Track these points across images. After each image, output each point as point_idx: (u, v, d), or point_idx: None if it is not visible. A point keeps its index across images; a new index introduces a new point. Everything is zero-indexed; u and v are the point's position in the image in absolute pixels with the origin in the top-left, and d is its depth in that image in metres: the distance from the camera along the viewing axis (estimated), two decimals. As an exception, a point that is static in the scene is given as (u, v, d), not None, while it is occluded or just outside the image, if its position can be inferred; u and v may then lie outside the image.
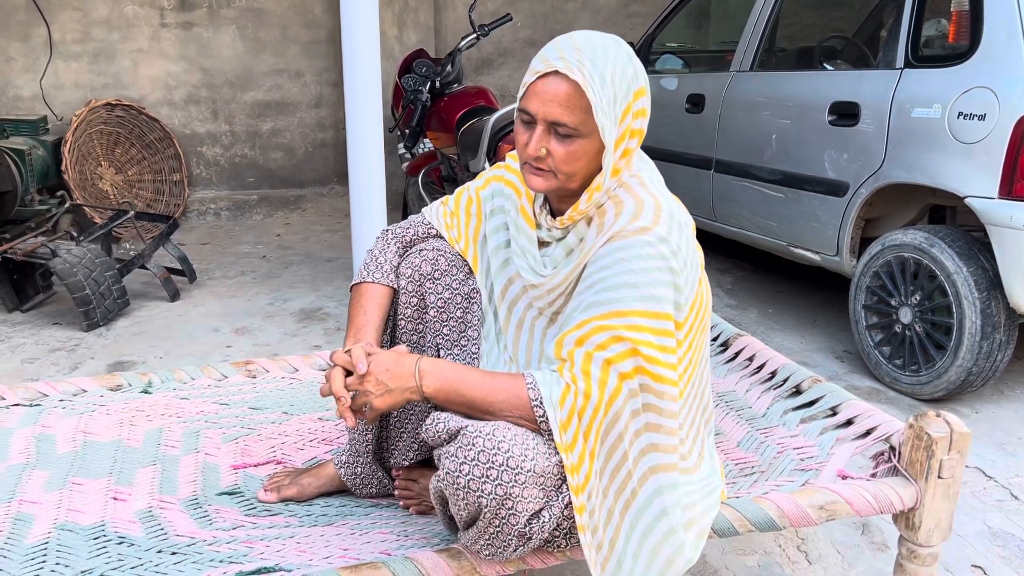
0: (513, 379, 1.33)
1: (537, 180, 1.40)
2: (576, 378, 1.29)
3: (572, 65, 1.31)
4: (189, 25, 5.76)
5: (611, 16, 6.46)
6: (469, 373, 1.36)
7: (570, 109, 1.32)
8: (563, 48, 1.33)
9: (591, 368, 1.29)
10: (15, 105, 5.56)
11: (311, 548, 1.55)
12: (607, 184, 1.38)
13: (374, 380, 1.35)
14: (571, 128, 1.33)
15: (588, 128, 1.33)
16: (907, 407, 2.83)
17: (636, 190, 1.40)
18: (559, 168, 1.37)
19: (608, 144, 1.34)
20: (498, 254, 1.61)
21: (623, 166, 1.39)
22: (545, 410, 1.28)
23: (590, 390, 1.29)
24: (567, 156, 1.35)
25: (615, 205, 1.39)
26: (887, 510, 1.60)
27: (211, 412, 2.10)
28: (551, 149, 1.36)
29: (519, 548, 1.34)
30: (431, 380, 1.35)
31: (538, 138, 1.36)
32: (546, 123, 1.35)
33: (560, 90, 1.32)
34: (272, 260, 4.80)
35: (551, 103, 1.33)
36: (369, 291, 1.63)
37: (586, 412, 1.29)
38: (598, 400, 1.29)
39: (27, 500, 1.70)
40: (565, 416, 1.28)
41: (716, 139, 3.90)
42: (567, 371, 1.30)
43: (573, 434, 1.29)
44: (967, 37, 2.76)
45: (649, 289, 1.31)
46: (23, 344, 3.40)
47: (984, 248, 2.71)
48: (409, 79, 4.47)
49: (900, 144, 2.91)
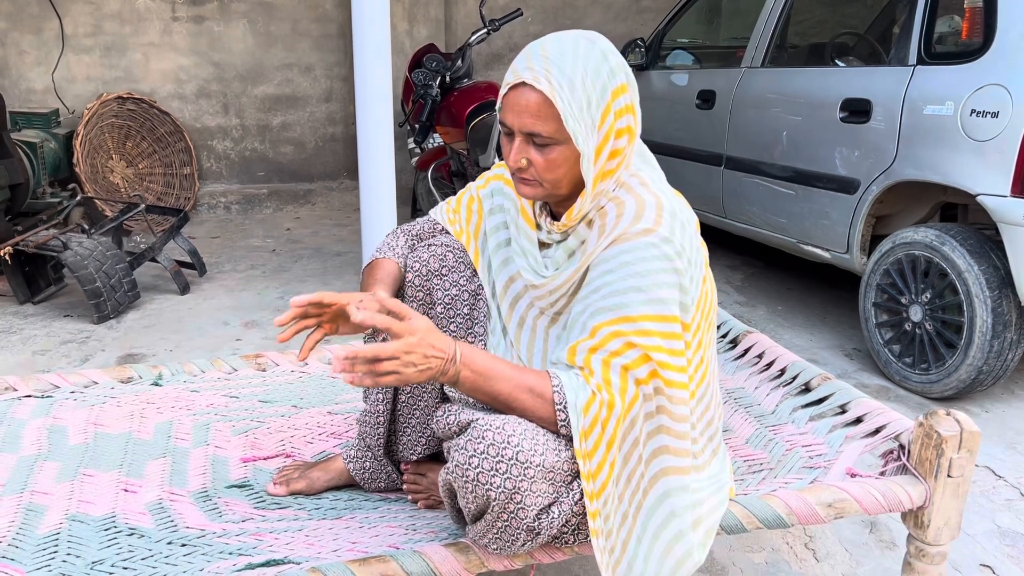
0: (540, 377, 1.31)
1: (525, 189, 1.41)
2: (600, 387, 1.28)
3: (539, 75, 1.31)
4: (200, 19, 5.78)
5: (621, 12, 6.44)
6: (499, 364, 1.31)
7: (542, 119, 1.32)
8: (532, 57, 1.33)
9: (611, 376, 1.29)
10: (27, 98, 5.59)
11: (320, 541, 1.56)
12: (593, 190, 1.37)
13: (421, 352, 1.23)
14: (546, 137, 1.33)
15: (563, 135, 1.33)
16: (916, 405, 2.82)
17: (637, 190, 1.39)
18: (542, 177, 1.37)
19: (584, 151, 1.33)
20: (498, 252, 1.62)
21: (615, 166, 1.38)
22: (568, 415, 1.28)
23: (614, 401, 1.28)
24: (547, 165, 1.35)
25: (616, 206, 1.38)
26: (896, 508, 1.60)
27: (221, 405, 2.11)
28: (531, 159, 1.36)
29: (527, 543, 1.34)
30: (469, 364, 1.28)
31: (517, 149, 1.36)
32: (522, 134, 1.35)
33: (530, 101, 1.32)
34: (282, 254, 4.81)
35: (523, 114, 1.33)
36: (381, 263, 1.64)
37: (609, 423, 1.29)
38: (621, 410, 1.29)
39: (39, 491, 1.71)
40: (588, 424, 1.27)
41: (727, 135, 3.89)
42: (592, 380, 1.29)
43: (594, 442, 1.28)
44: (980, 34, 2.75)
45: (655, 292, 1.31)
46: (34, 336, 3.42)
47: (995, 246, 2.69)
48: (419, 74, 4.47)
49: (912, 141, 2.90)
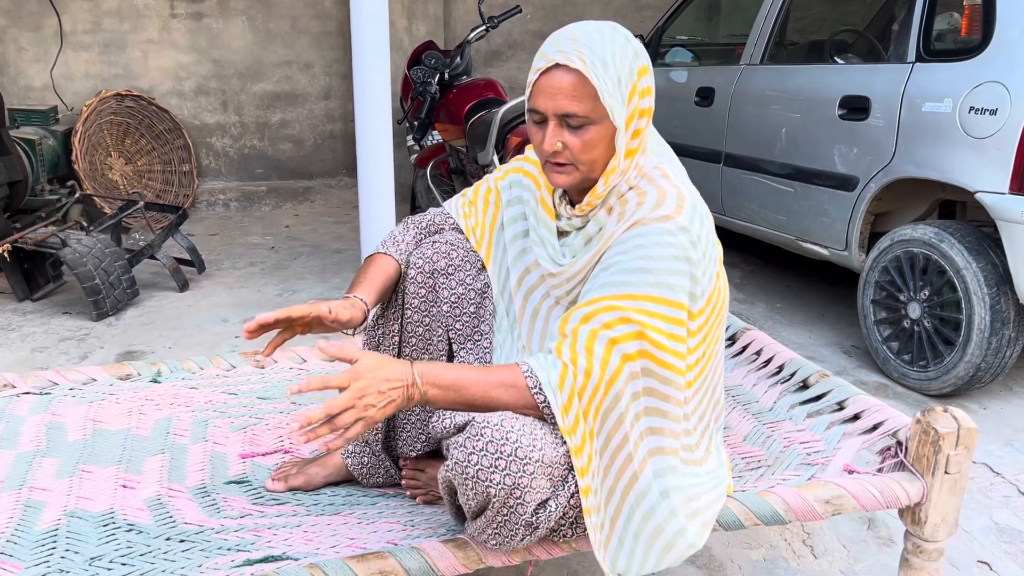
0: (509, 370, 1.31)
1: (560, 177, 1.40)
2: (577, 355, 1.28)
3: (572, 56, 1.32)
4: (199, 16, 5.77)
5: (621, 9, 6.44)
6: (463, 371, 1.31)
7: (577, 98, 1.32)
8: (560, 41, 1.34)
9: (594, 346, 1.28)
10: (26, 95, 5.58)
11: (318, 537, 1.56)
12: (622, 165, 1.38)
13: (375, 390, 1.24)
14: (582, 117, 1.33)
15: (599, 114, 1.34)
16: (914, 402, 2.83)
17: (659, 181, 1.40)
18: (578, 159, 1.37)
19: (619, 125, 1.35)
20: (515, 243, 1.62)
21: (636, 147, 1.39)
22: (546, 395, 1.28)
23: (591, 368, 1.28)
24: (583, 146, 1.36)
25: (638, 195, 1.39)
26: (893, 505, 1.60)
27: (220, 402, 2.11)
28: (566, 142, 1.36)
29: (526, 538, 1.35)
30: (432, 382, 1.28)
31: (551, 133, 1.36)
32: (557, 117, 1.35)
33: (565, 82, 1.33)
34: (281, 251, 4.81)
35: (558, 96, 1.33)
36: (376, 259, 1.65)
37: (586, 391, 1.28)
38: (598, 379, 1.28)
39: (37, 487, 1.71)
40: (566, 399, 1.27)
41: (725, 133, 3.89)
42: (566, 348, 1.29)
43: (575, 416, 1.28)
44: (979, 31, 2.75)
45: (664, 276, 1.31)
46: (33, 333, 3.42)
47: (994, 243, 2.69)
48: (418, 71, 4.47)
49: (910, 139, 2.90)
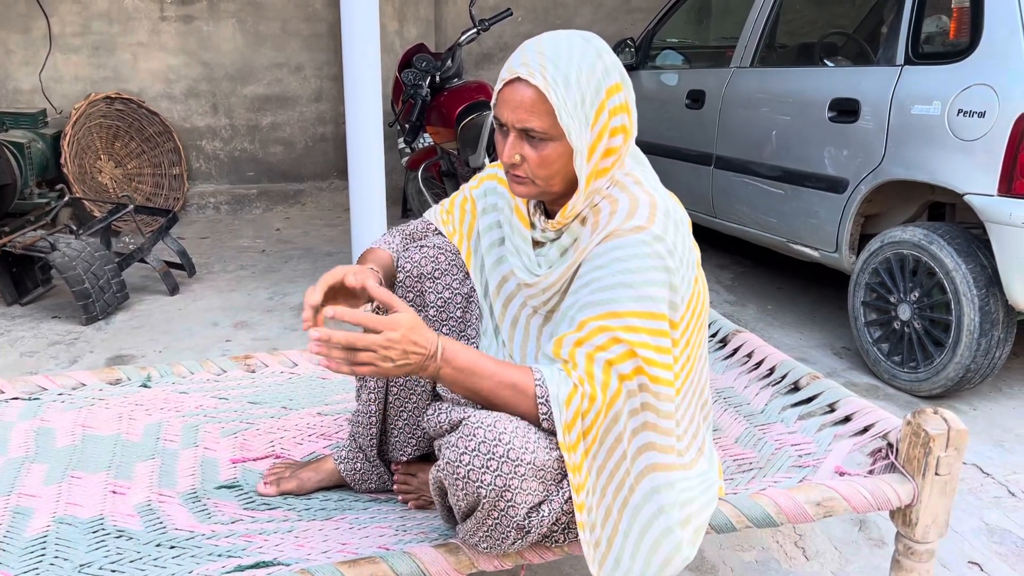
0: (522, 373, 1.32)
1: (519, 188, 1.41)
2: (583, 380, 1.29)
3: (534, 70, 1.31)
4: (189, 18, 5.75)
5: (612, 11, 6.45)
6: (483, 360, 1.32)
7: (536, 114, 1.32)
8: (527, 53, 1.34)
9: (594, 370, 1.30)
10: (14, 98, 5.55)
11: (309, 542, 1.55)
12: (586, 188, 1.37)
13: (401, 348, 1.24)
14: (540, 132, 1.33)
15: (557, 131, 1.33)
16: (905, 404, 2.84)
17: (631, 188, 1.40)
18: (535, 174, 1.37)
19: (578, 147, 1.34)
20: (492, 251, 1.62)
21: (609, 165, 1.39)
22: (550, 408, 1.29)
23: (595, 394, 1.29)
24: (540, 160, 1.36)
25: (610, 204, 1.39)
26: (884, 506, 1.61)
27: (210, 406, 2.10)
28: (525, 155, 1.36)
29: (517, 541, 1.34)
30: (451, 361, 1.28)
31: (511, 145, 1.37)
32: (516, 129, 1.35)
33: (525, 96, 1.32)
34: (271, 254, 4.79)
35: (518, 109, 1.33)
36: (377, 252, 1.64)
37: (589, 414, 1.30)
38: (601, 403, 1.30)
39: (26, 493, 1.70)
40: (570, 417, 1.28)
41: (716, 135, 3.90)
42: (574, 373, 1.30)
43: (577, 435, 1.30)
44: (967, 34, 2.76)
45: (644, 289, 1.31)
46: (22, 337, 3.40)
47: (983, 245, 2.71)
48: (409, 73, 4.47)
49: (900, 141, 2.91)
